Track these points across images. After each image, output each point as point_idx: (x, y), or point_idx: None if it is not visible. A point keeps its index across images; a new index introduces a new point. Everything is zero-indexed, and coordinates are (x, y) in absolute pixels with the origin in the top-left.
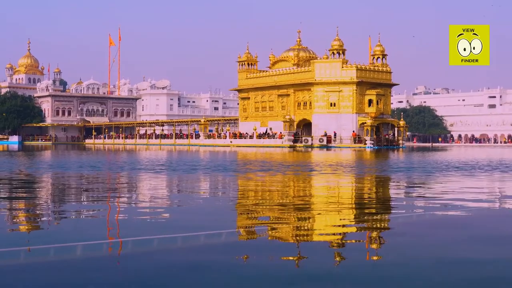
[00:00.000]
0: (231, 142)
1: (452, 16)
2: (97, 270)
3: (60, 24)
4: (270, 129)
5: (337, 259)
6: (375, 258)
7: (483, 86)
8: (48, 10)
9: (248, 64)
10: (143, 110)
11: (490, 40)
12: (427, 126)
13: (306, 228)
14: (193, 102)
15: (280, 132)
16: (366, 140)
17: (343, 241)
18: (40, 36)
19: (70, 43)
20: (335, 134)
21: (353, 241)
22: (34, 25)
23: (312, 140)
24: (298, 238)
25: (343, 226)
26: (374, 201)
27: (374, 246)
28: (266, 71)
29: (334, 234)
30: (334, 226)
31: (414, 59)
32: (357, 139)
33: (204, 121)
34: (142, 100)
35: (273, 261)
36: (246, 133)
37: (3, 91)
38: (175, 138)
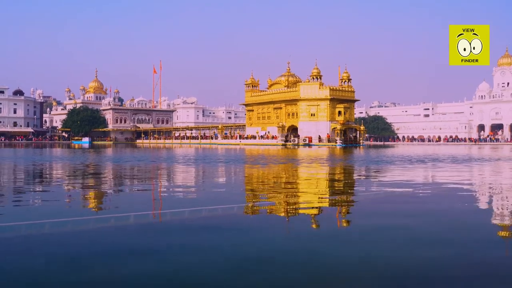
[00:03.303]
0: (240, 142)
1: (401, 45)
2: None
3: (119, 58)
4: (268, 132)
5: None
6: (343, 216)
7: (419, 101)
8: (110, 48)
9: (252, 86)
10: (177, 119)
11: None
12: (380, 130)
13: (296, 199)
14: (213, 113)
15: (275, 135)
16: (336, 140)
17: (321, 204)
18: (105, 66)
19: (126, 72)
20: (315, 136)
21: (327, 204)
22: (100, 58)
23: (298, 140)
24: (290, 205)
25: (321, 196)
26: (342, 179)
27: (342, 208)
28: (265, 91)
29: (316, 196)
30: (314, 194)
31: (371, 82)
32: (330, 139)
33: (221, 127)
34: (177, 112)
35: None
36: (254, 134)
37: (78, 105)
38: (200, 139)
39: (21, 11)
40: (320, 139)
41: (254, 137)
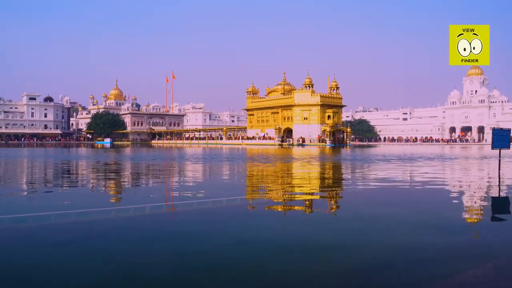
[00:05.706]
0: (242, 142)
1: (383, 57)
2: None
3: (137, 69)
4: (267, 134)
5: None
6: (332, 206)
7: (399, 106)
8: (129, 60)
9: (253, 93)
10: (187, 122)
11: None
12: (365, 132)
13: (290, 190)
14: (219, 117)
15: (272, 136)
16: (326, 141)
17: (312, 195)
18: (124, 76)
19: (143, 81)
20: (307, 137)
21: (318, 197)
22: (120, 69)
23: (292, 141)
24: (286, 197)
25: (312, 190)
26: (331, 174)
27: (331, 200)
28: (264, 97)
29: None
30: (306, 187)
31: (357, 89)
32: (321, 140)
33: (225, 129)
34: (187, 116)
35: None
36: (254, 136)
37: (101, 110)
38: (207, 139)
39: (47, 27)
40: (312, 140)
41: (254, 138)
